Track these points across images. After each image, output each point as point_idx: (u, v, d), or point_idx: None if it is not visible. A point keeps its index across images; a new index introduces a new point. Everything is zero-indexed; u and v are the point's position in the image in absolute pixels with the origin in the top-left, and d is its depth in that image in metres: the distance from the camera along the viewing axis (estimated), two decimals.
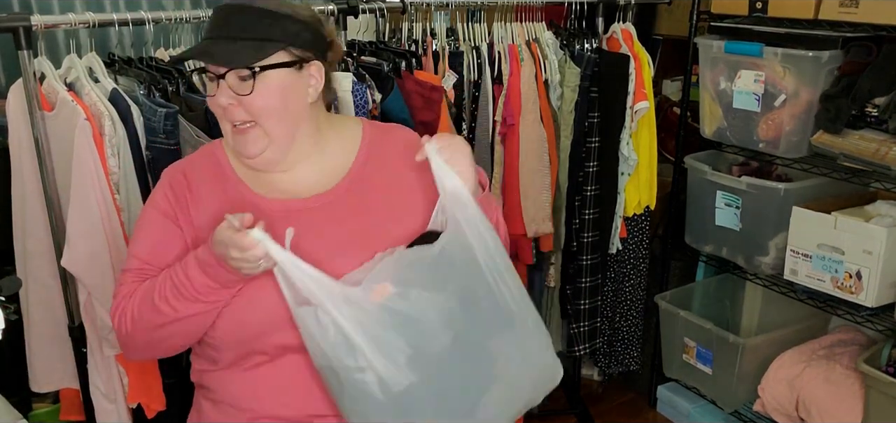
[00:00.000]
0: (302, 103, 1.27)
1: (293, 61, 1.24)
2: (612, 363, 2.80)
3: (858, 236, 2.04)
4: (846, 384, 2.18)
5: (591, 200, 2.45)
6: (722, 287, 2.77)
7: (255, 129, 1.23)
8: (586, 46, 2.40)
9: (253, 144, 1.24)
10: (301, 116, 1.27)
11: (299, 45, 1.24)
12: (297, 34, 1.23)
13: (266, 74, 1.20)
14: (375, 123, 1.47)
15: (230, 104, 1.21)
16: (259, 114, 1.22)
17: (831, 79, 2.15)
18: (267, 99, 1.21)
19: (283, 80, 1.22)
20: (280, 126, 1.24)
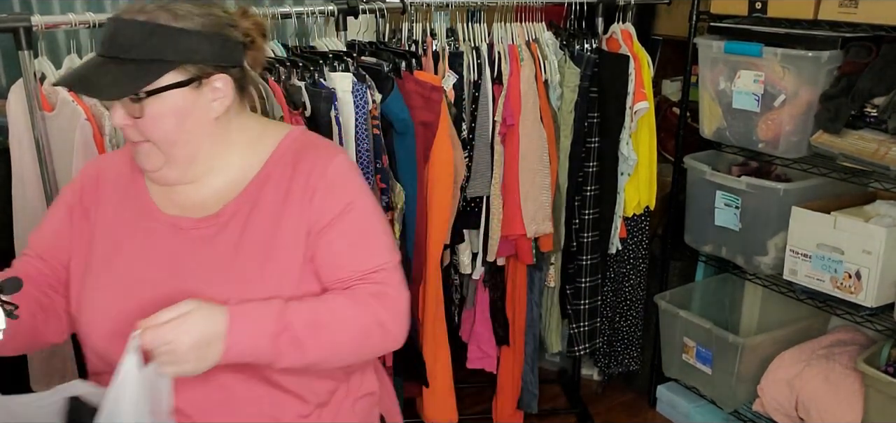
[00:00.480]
0: (203, 122, 1.17)
1: (189, 80, 1.13)
2: (612, 363, 2.81)
3: (858, 235, 2.05)
4: (845, 383, 2.18)
5: (590, 201, 2.45)
6: (721, 287, 2.77)
7: (150, 146, 1.16)
8: (586, 47, 2.40)
9: (148, 160, 1.18)
10: (202, 135, 1.17)
11: (197, 60, 1.13)
12: (192, 50, 1.12)
13: (157, 98, 1.11)
14: (301, 137, 1.29)
15: (125, 124, 1.14)
16: (151, 136, 1.14)
17: (831, 79, 2.15)
18: (158, 122, 1.13)
19: (176, 101, 1.12)
20: (176, 148, 1.16)
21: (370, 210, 1.26)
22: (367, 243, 1.23)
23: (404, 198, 2.04)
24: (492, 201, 2.27)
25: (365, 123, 1.92)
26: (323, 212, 1.20)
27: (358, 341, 1.19)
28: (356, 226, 1.22)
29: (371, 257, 1.23)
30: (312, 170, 1.21)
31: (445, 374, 2.35)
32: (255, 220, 1.19)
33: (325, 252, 1.20)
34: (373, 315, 1.19)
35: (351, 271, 1.20)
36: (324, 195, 1.20)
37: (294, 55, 1.97)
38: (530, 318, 2.52)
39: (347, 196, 1.22)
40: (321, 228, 1.19)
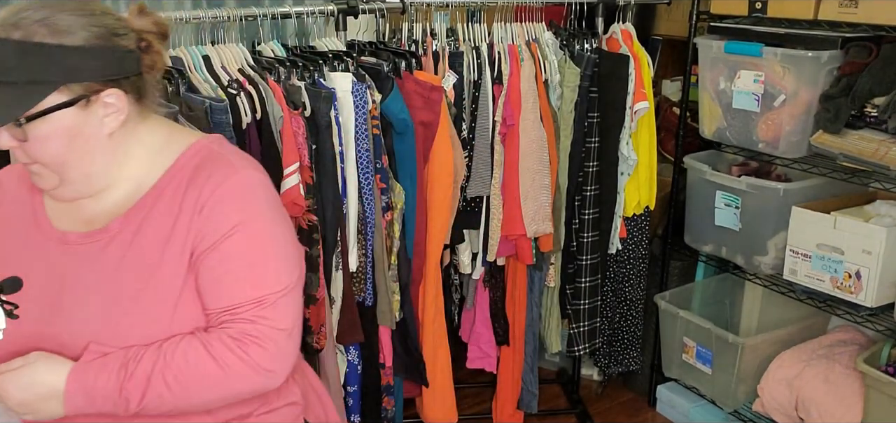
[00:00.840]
0: (95, 139, 1.07)
1: (75, 99, 1.03)
2: (612, 363, 2.81)
3: (858, 235, 2.05)
4: (846, 383, 2.18)
5: (590, 200, 2.45)
6: (721, 287, 2.77)
7: (41, 167, 1.07)
8: (586, 46, 2.40)
9: (41, 181, 1.10)
10: (95, 153, 1.08)
11: (82, 78, 1.02)
12: (76, 68, 1.01)
13: (41, 121, 1.01)
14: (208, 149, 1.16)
15: (13, 146, 1.05)
16: (39, 159, 1.06)
17: (831, 79, 2.15)
18: (45, 146, 1.04)
19: (63, 122, 1.03)
20: (67, 169, 1.07)
21: (263, 233, 1.12)
22: (251, 270, 1.10)
23: (404, 198, 2.04)
24: (492, 201, 2.27)
25: (365, 123, 1.92)
26: (208, 231, 1.09)
27: (215, 390, 1.10)
28: (241, 250, 1.10)
29: (252, 286, 1.10)
30: (206, 184, 1.10)
31: (445, 374, 2.35)
32: (142, 237, 1.10)
33: (205, 276, 1.10)
34: (234, 360, 1.08)
35: (228, 300, 1.10)
36: (211, 213, 1.09)
37: (294, 55, 1.97)
38: (530, 318, 2.52)
39: (238, 216, 1.10)
40: (204, 249, 1.09)
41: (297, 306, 1.16)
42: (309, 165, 1.83)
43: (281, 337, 1.12)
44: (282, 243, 1.15)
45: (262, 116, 1.78)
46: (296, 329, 1.15)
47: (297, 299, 1.16)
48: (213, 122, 1.69)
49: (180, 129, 1.24)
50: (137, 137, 1.13)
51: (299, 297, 1.17)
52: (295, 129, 1.80)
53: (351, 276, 1.99)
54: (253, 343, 1.09)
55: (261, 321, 1.10)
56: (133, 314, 1.08)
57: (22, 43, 0.99)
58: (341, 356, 2.09)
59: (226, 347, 1.09)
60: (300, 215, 1.83)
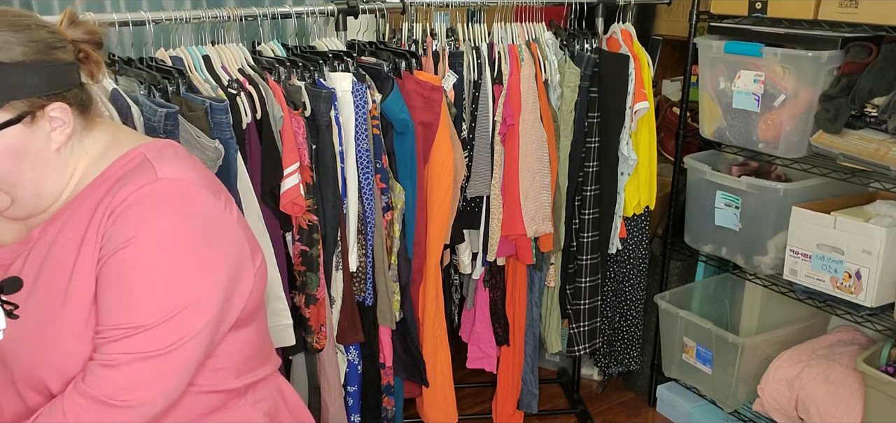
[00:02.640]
0: (43, 155, 1.03)
1: (19, 117, 0.99)
2: (612, 363, 2.81)
3: (858, 235, 2.05)
4: (846, 383, 2.18)
5: (590, 200, 2.45)
6: (721, 287, 2.77)
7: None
8: (586, 47, 2.40)
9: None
10: (45, 169, 1.04)
11: (24, 94, 0.98)
12: (17, 85, 0.97)
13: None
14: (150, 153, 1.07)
15: None
16: None
17: (831, 79, 2.15)
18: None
19: (9, 142, 0.99)
20: (17, 189, 1.03)
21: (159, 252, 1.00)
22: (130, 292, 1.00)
23: (404, 198, 2.05)
24: (492, 201, 2.27)
25: (365, 123, 1.92)
26: (108, 241, 1.00)
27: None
28: (127, 267, 0.99)
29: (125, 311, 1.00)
30: (121, 190, 1.02)
31: (445, 374, 2.35)
32: (57, 248, 1.04)
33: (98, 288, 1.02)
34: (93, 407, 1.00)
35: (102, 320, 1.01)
36: (116, 220, 1.00)
37: (294, 55, 1.97)
38: (530, 318, 2.52)
39: (137, 227, 0.99)
40: (102, 258, 1.01)
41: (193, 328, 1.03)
42: (309, 165, 1.83)
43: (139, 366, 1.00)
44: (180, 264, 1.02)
45: (262, 116, 1.78)
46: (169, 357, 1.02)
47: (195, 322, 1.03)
48: (213, 122, 1.69)
49: (127, 135, 1.15)
50: (83, 149, 1.08)
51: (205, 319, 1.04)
52: (295, 129, 1.80)
53: (351, 276, 2.00)
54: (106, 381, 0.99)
55: (118, 357, 1.00)
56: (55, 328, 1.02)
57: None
58: (341, 356, 2.09)
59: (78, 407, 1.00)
60: (300, 215, 1.83)
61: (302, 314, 1.89)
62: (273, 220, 1.81)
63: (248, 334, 1.17)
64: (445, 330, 2.32)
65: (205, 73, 1.81)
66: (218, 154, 1.64)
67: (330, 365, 2.02)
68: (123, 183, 1.03)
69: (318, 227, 1.86)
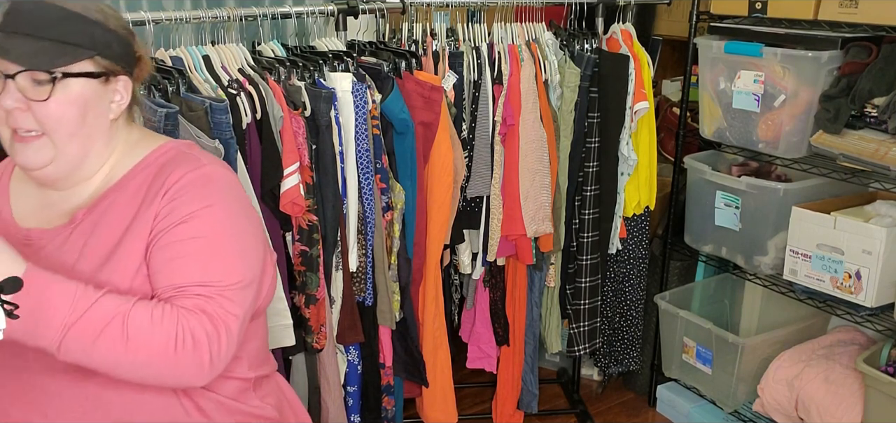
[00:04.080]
0: (101, 120, 1.13)
1: (100, 73, 1.10)
2: (612, 363, 2.81)
3: (858, 236, 2.05)
4: (846, 383, 2.18)
5: (590, 201, 2.45)
6: (721, 287, 2.77)
7: (42, 139, 1.08)
8: (586, 47, 2.40)
9: (35, 156, 1.09)
10: (97, 134, 1.13)
11: (108, 56, 1.10)
12: (107, 44, 1.10)
13: (68, 82, 1.07)
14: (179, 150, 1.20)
15: (17, 108, 1.06)
16: (51, 125, 1.08)
17: (831, 79, 2.15)
18: (63, 109, 1.07)
19: (84, 91, 1.09)
20: (71, 142, 1.10)
21: (222, 223, 1.12)
22: (200, 255, 1.10)
23: (404, 198, 2.05)
24: (492, 201, 2.27)
25: (365, 123, 1.92)
26: (167, 215, 1.10)
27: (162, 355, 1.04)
28: (194, 236, 1.10)
29: (200, 271, 1.09)
30: (171, 174, 1.12)
31: (445, 374, 2.35)
32: (103, 225, 1.12)
33: (156, 258, 1.10)
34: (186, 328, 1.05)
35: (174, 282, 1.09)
36: (172, 198, 1.11)
37: (294, 55, 1.97)
38: (530, 318, 2.52)
39: (197, 204, 1.11)
40: (159, 231, 1.10)
41: (246, 304, 1.12)
42: (309, 165, 1.83)
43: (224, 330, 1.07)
44: (239, 238, 1.14)
45: (262, 116, 1.78)
46: (240, 328, 1.10)
47: (248, 298, 1.13)
48: (213, 122, 1.69)
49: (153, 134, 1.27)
50: (123, 135, 1.19)
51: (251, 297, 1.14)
52: (295, 129, 1.80)
53: (351, 276, 2.00)
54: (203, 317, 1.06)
55: (209, 303, 1.07)
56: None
57: (64, 8, 1.07)
58: (341, 356, 2.09)
59: (185, 308, 1.06)
60: (300, 216, 1.83)
61: (302, 314, 1.89)
62: (273, 220, 1.81)
63: (259, 327, 1.26)
64: (445, 330, 2.32)
65: (205, 73, 1.81)
66: (218, 154, 1.64)
67: (330, 365, 2.02)
68: (171, 169, 1.13)
69: (318, 227, 1.86)
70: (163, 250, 1.09)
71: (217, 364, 1.08)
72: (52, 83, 1.06)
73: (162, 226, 1.10)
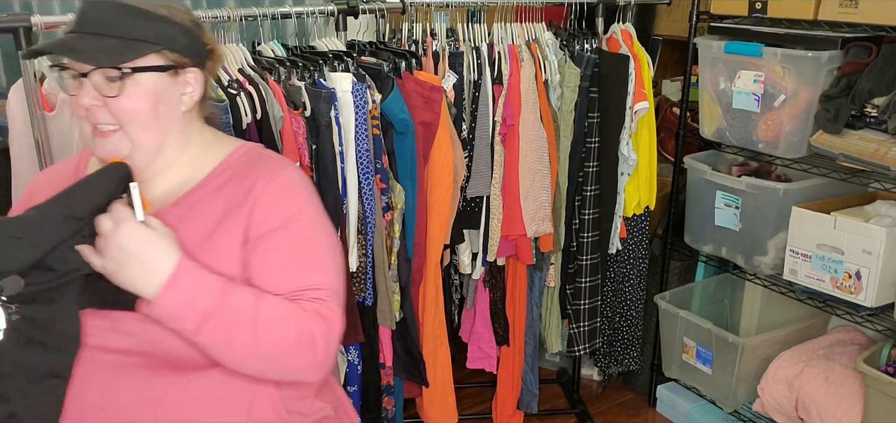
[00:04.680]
0: (174, 112, 1.18)
1: (168, 66, 1.15)
2: (612, 363, 2.81)
3: (858, 236, 2.05)
4: (846, 383, 2.18)
5: (590, 201, 2.45)
6: (721, 287, 2.77)
7: (119, 133, 1.13)
8: (586, 47, 2.40)
9: (113, 149, 1.14)
10: (171, 126, 1.18)
11: (175, 49, 1.15)
12: (172, 37, 1.15)
13: (137, 77, 1.12)
14: (255, 151, 1.27)
15: (94, 105, 1.11)
16: (125, 118, 1.13)
17: (831, 79, 2.15)
18: (136, 103, 1.12)
19: (155, 84, 1.14)
20: (146, 134, 1.15)
21: (315, 227, 1.21)
22: (305, 259, 1.18)
23: (404, 198, 2.04)
24: (492, 201, 2.27)
25: (365, 123, 1.92)
26: (262, 221, 1.16)
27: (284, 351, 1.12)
28: (296, 240, 1.18)
29: (308, 274, 1.18)
30: (258, 179, 1.19)
31: (445, 374, 2.35)
32: (191, 221, 1.17)
33: (259, 262, 1.16)
34: (308, 329, 1.13)
35: (284, 285, 1.16)
36: (266, 205, 1.17)
37: (294, 55, 1.97)
38: (530, 318, 2.52)
39: (291, 209, 1.19)
40: (258, 236, 1.16)
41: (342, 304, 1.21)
42: (309, 165, 1.83)
43: (336, 330, 1.16)
44: (329, 239, 1.23)
45: (262, 116, 1.78)
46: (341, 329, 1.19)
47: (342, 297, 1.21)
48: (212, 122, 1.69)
49: (223, 135, 1.33)
50: (196, 130, 1.24)
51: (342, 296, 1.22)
52: (295, 129, 1.80)
53: (351, 276, 2.00)
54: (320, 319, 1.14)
55: (321, 305, 1.15)
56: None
57: (129, 6, 1.12)
58: (341, 356, 2.09)
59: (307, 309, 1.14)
60: None
61: None
62: None
63: None
64: (445, 330, 2.32)
65: None
66: None
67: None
68: (255, 174, 1.19)
69: None
70: (267, 254, 1.16)
71: (326, 365, 1.16)
72: (122, 79, 1.10)
73: (260, 231, 1.16)
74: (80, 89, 1.11)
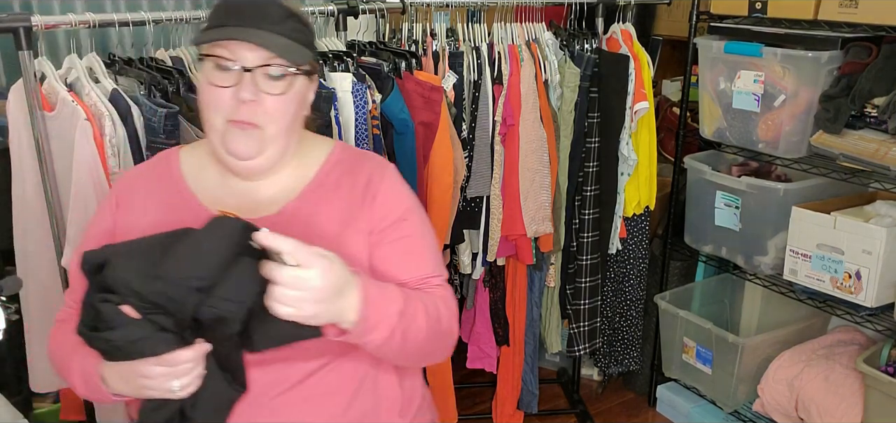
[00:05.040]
0: (301, 117, 1.20)
1: (311, 70, 1.18)
2: (612, 363, 2.81)
3: (858, 236, 2.05)
4: (846, 383, 2.18)
5: (590, 201, 2.45)
6: (721, 287, 2.77)
7: (258, 131, 1.12)
8: (586, 47, 2.40)
9: (249, 145, 1.13)
10: (296, 130, 1.20)
11: (315, 54, 1.19)
12: (312, 45, 1.18)
13: (295, 79, 1.13)
14: (348, 148, 1.31)
15: (253, 101, 1.10)
16: (270, 118, 1.12)
17: (831, 79, 2.15)
18: (286, 105, 1.13)
19: (301, 88, 1.16)
20: (281, 135, 1.15)
21: (424, 218, 1.27)
22: (424, 248, 1.24)
23: None
24: (492, 201, 2.27)
25: (365, 123, 1.92)
26: (384, 215, 1.20)
27: (433, 339, 1.17)
28: (415, 233, 1.23)
29: (427, 264, 1.22)
30: (372, 175, 1.22)
31: (445, 374, 2.35)
32: (319, 219, 1.18)
33: (385, 254, 1.19)
34: (446, 315, 1.19)
35: (410, 275, 1.19)
36: (385, 199, 1.21)
37: None
38: (530, 318, 2.52)
39: (405, 203, 1.24)
40: (382, 229, 1.19)
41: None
42: None
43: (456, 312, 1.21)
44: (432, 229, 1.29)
45: None
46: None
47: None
48: None
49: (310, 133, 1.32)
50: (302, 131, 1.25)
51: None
52: None
53: None
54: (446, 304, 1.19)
55: (444, 291, 1.21)
56: None
57: (282, 5, 1.12)
58: None
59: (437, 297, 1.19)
60: None
61: None
62: None
63: None
64: None
65: None
66: None
67: None
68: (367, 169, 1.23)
69: None
70: (392, 246, 1.19)
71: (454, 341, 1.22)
72: (284, 78, 1.11)
73: (383, 224, 1.19)
74: (236, 82, 1.09)
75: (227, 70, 1.09)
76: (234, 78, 1.09)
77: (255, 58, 1.09)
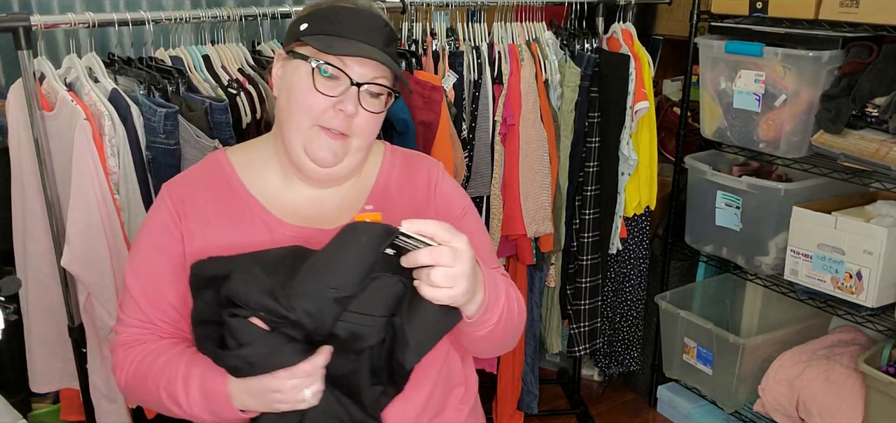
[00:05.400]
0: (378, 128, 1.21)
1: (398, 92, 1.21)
2: (613, 364, 2.80)
3: (859, 236, 2.04)
4: (846, 384, 2.18)
5: (591, 201, 2.45)
6: (722, 287, 2.77)
7: (344, 140, 1.14)
8: (586, 46, 2.40)
9: (333, 152, 1.14)
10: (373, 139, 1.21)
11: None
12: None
13: (389, 98, 1.17)
14: (395, 149, 1.32)
15: (354, 113, 1.11)
16: (359, 131, 1.14)
17: (832, 79, 2.15)
18: (377, 122, 1.16)
19: (385, 105, 1.18)
20: (364, 149, 1.17)
21: (479, 215, 1.30)
22: (485, 241, 1.28)
23: None
24: (492, 201, 2.27)
25: None
26: (447, 211, 1.24)
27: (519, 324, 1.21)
28: (477, 228, 1.28)
29: (491, 256, 1.28)
30: (430, 174, 1.27)
31: None
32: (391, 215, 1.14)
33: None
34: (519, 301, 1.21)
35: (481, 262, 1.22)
36: (444, 196, 1.25)
37: None
38: (530, 318, 2.52)
39: (463, 199, 1.28)
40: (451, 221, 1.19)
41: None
42: None
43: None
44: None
45: (261, 116, 1.77)
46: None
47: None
48: (213, 121, 1.69)
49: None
50: None
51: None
52: None
53: None
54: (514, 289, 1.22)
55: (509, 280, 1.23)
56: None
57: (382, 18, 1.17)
58: None
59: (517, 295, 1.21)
60: None
61: None
62: None
63: None
64: None
65: (205, 72, 1.81)
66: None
67: None
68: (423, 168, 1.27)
69: None
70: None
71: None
72: (383, 97, 1.15)
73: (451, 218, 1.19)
74: (342, 93, 1.10)
75: (334, 80, 1.11)
76: (341, 89, 1.11)
77: (364, 73, 1.11)
